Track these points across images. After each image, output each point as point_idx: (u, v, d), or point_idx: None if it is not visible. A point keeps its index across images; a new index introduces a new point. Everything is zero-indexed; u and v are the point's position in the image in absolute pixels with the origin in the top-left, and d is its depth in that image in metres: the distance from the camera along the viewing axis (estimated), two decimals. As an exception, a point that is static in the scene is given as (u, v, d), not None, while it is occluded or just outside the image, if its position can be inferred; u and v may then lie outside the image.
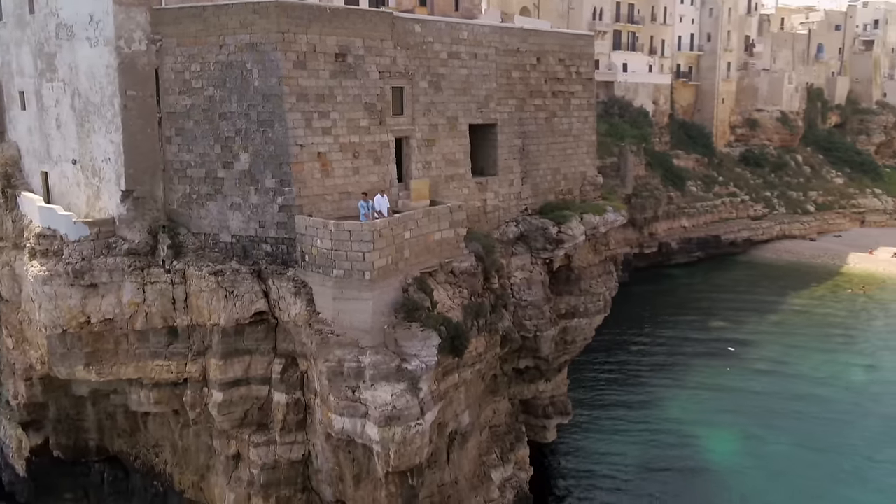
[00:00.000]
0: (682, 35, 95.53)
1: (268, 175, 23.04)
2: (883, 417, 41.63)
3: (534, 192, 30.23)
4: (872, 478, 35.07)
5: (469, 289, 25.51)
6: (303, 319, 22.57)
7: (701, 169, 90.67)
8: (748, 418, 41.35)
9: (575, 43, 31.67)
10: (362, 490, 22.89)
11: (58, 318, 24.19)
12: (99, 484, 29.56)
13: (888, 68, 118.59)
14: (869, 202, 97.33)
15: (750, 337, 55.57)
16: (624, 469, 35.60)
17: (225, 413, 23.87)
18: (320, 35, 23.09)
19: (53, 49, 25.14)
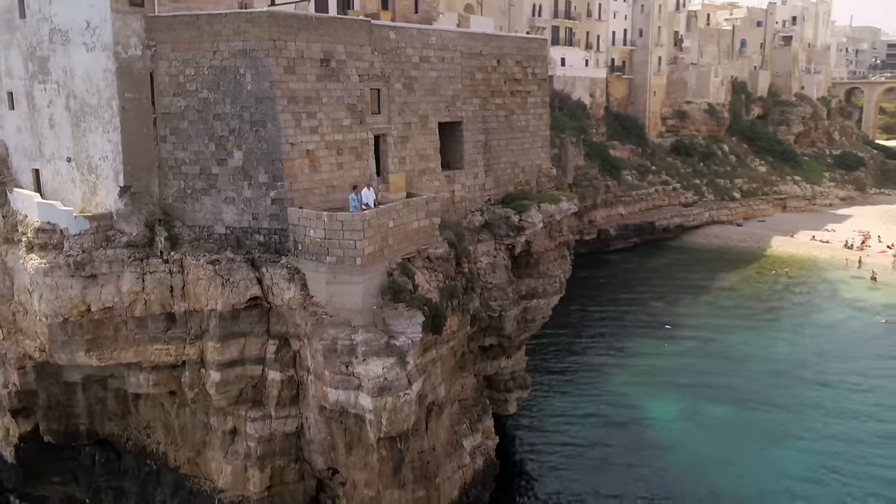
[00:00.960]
0: (615, 31, 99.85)
1: (261, 171, 25.01)
2: (803, 383, 46.17)
3: (496, 184, 32.91)
4: (793, 434, 39.34)
5: (443, 273, 28.02)
6: (297, 303, 24.69)
7: (635, 159, 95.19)
8: (684, 386, 45.31)
9: (530, 46, 34.39)
10: (354, 456, 25.24)
11: (59, 308, 25.66)
12: (90, 466, 30.96)
13: (805, 62, 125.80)
14: (789, 189, 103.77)
15: (684, 315, 59.85)
16: (576, 434, 38.98)
17: (222, 391, 25.82)
18: (307, 42, 25.13)
19: (46, 53, 26.42)
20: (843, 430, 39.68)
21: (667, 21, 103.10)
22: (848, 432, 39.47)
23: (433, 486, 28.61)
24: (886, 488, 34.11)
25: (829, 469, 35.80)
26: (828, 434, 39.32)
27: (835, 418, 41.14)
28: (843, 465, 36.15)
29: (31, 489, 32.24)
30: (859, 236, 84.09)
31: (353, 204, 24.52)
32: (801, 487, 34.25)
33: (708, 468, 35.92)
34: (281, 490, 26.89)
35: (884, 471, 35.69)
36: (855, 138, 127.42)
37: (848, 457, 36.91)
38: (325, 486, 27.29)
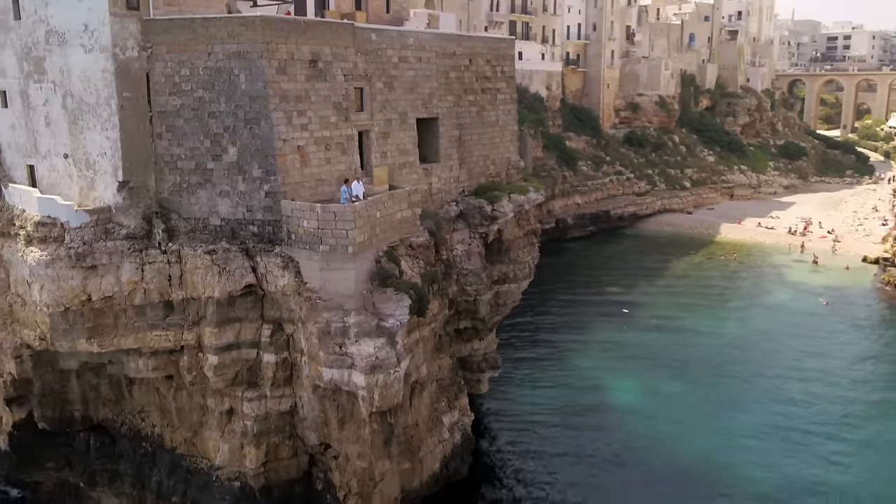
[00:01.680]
0: (570, 25, 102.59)
1: (255, 166, 26.59)
2: (752, 358, 49.43)
3: (469, 176, 34.94)
4: (743, 402, 42.48)
5: (424, 260, 30.00)
6: (291, 289, 26.39)
7: (590, 150, 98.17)
8: (642, 366, 48.19)
9: (499, 46, 36.44)
10: (346, 431, 27.14)
11: (60, 298, 26.91)
12: (84, 451, 32.23)
13: (750, 56, 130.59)
14: (736, 178, 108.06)
15: (640, 299, 62.85)
16: (544, 409, 41.51)
17: (219, 374, 27.38)
18: (297, 44, 26.74)
19: (42, 53, 27.50)
20: (788, 398, 42.95)
21: (619, 16, 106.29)
22: (792, 400, 42.76)
23: (417, 458, 30.78)
24: (822, 444, 37.49)
25: (775, 430, 39.19)
26: (774, 401, 42.57)
27: (780, 389, 44.39)
28: (787, 426, 39.42)
29: (24, 475, 33.36)
30: (802, 223, 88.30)
31: (344, 196, 26.30)
32: (750, 446, 37.42)
33: (666, 434, 38.77)
34: (276, 465, 28.63)
35: (822, 427, 39.31)
36: (797, 129, 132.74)
37: (792, 420, 40.20)
38: (316, 460, 29.10)
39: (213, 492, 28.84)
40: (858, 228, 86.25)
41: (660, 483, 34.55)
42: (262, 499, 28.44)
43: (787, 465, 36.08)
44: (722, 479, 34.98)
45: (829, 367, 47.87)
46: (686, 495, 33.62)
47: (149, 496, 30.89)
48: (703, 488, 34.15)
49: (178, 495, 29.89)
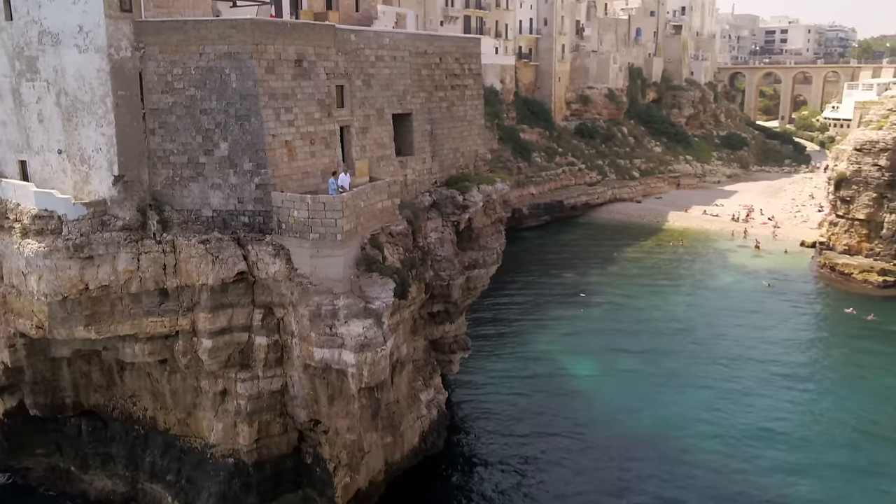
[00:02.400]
0: (522, 20, 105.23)
1: (245, 160, 28.20)
2: (701, 338, 52.76)
3: (440, 168, 37.02)
4: (694, 378, 45.56)
5: (403, 246, 32.03)
6: (283, 275, 28.13)
7: (543, 141, 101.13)
8: (599, 344, 51.16)
9: (467, 45, 38.55)
10: (336, 407, 29.07)
11: (58, 287, 28.16)
12: (76, 436, 33.40)
13: (694, 50, 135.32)
14: (682, 168, 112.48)
15: (595, 284, 65.91)
16: (510, 388, 43.95)
17: (213, 357, 28.97)
18: (283, 45, 28.41)
19: (35, 53, 28.61)
20: (735, 374, 46.23)
21: (569, 10, 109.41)
22: (739, 374, 46.07)
23: (398, 433, 32.92)
24: (766, 409, 40.80)
25: (723, 399, 42.34)
26: (721, 374, 45.86)
27: (727, 363, 47.74)
28: (734, 399, 42.57)
29: (14, 462, 34.37)
30: (744, 210, 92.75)
31: (332, 188, 28.15)
32: (700, 418, 40.43)
33: (622, 405, 41.71)
34: (267, 442, 30.37)
35: (766, 395, 42.74)
36: (738, 120, 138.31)
37: (739, 393, 43.44)
38: (305, 436, 30.90)
39: (208, 469, 30.45)
40: (797, 215, 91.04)
41: (617, 447, 37.37)
42: (255, 474, 30.18)
43: (734, 429, 39.24)
44: (675, 443, 37.96)
45: (770, 343, 51.50)
46: (642, 458, 36.44)
47: (142, 476, 32.36)
48: (658, 452, 37.05)
49: (172, 474, 31.43)
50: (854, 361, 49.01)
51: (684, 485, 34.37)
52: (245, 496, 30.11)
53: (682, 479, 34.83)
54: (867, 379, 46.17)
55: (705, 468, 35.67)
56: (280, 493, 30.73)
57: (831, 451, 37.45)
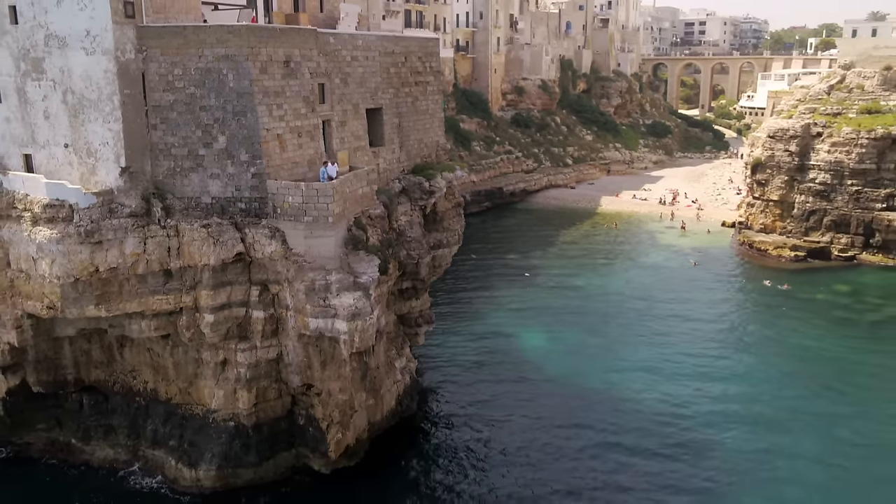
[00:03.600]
0: (459, 14, 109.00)
1: (242, 152, 31.30)
2: (635, 309, 58.10)
3: (408, 157, 40.70)
4: (629, 344, 50.75)
5: (380, 228, 35.65)
6: (279, 254, 31.42)
7: (482, 131, 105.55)
8: (545, 317, 55.97)
9: (428, 45, 42.26)
10: (328, 371, 32.63)
11: (70, 270, 30.75)
12: (78, 410, 35.93)
13: (620, 42, 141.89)
14: (612, 155, 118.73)
15: (537, 264, 70.73)
16: (468, 358, 48.26)
17: (215, 330, 32.09)
18: (274, 48, 31.57)
19: (41, 55, 30.98)
20: (668, 339, 51.65)
21: (503, 5, 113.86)
22: (672, 339, 51.50)
23: (379, 396, 36.72)
24: (694, 368, 46.20)
25: (657, 363, 47.51)
26: (654, 342, 51.12)
27: (660, 330, 53.13)
28: (668, 360, 47.88)
29: (15, 437, 36.59)
30: (670, 194, 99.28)
31: (323, 176, 31.58)
32: (639, 376, 45.53)
33: (569, 372, 46.39)
34: (264, 406, 33.68)
35: (694, 355, 48.23)
36: (662, 109, 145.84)
37: (672, 354, 48.81)
38: (297, 400, 34.29)
39: (210, 432, 33.57)
40: (717, 198, 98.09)
41: (568, 403, 42.08)
42: (254, 435, 33.48)
43: (667, 387, 44.36)
44: (617, 396, 42.94)
45: (698, 312, 57.28)
46: (589, 409, 41.24)
47: (143, 444, 35.20)
48: (604, 405, 41.93)
49: (174, 439, 34.39)
50: (771, 324, 55.20)
51: (627, 429, 39.24)
52: (245, 455, 33.42)
53: (624, 424, 39.72)
54: (783, 338, 52.36)
55: (645, 416, 40.66)
56: (276, 452, 34.14)
57: (755, 399, 42.98)
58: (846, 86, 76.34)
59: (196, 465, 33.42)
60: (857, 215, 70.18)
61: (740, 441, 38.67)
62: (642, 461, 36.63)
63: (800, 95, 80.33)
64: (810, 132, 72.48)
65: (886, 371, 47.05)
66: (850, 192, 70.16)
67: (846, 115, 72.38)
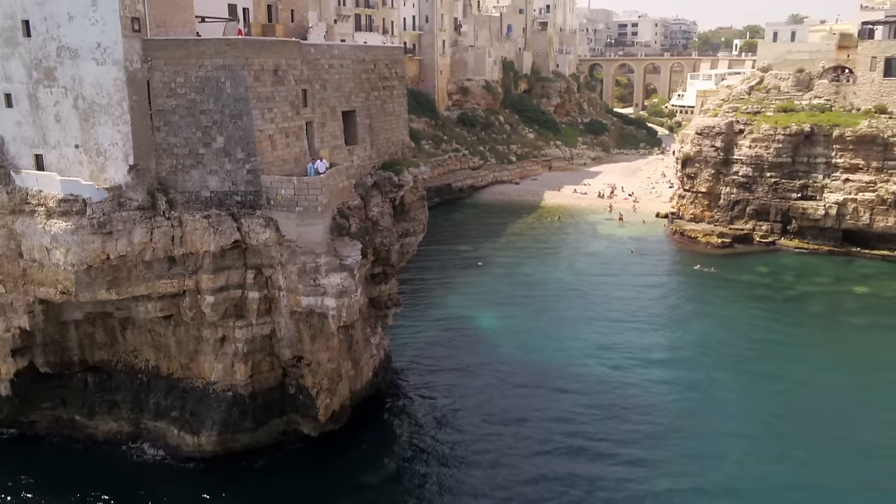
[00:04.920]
0: (406, 17, 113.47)
1: (238, 150, 35.27)
2: (580, 293, 63.72)
3: (378, 154, 45.08)
4: (576, 325, 56.19)
5: (358, 218, 40.05)
6: (273, 241, 35.52)
7: (430, 130, 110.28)
8: (498, 302, 61.03)
9: (394, 53, 46.75)
10: (317, 344, 36.89)
11: (84, 258, 34.22)
12: (82, 388, 39.29)
13: (558, 44, 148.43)
14: (553, 152, 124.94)
15: (488, 254, 75.87)
16: (430, 338, 52.89)
17: (215, 310, 35.99)
18: (265, 58, 35.61)
19: (53, 64, 34.36)
20: (610, 317, 57.33)
21: (447, 8, 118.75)
22: (613, 318, 57.20)
23: (359, 367, 41.17)
24: (633, 341, 51.89)
25: (603, 338, 53.01)
26: (596, 320, 56.71)
27: (603, 312, 58.79)
28: (611, 336, 53.48)
29: (22, 416, 39.71)
30: (608, 188, 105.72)
31: (310, 171, 35.83)
32: (585, 352, 50.82)
33: (522, 348, 51.49)
34: (259, 378, 37.71)
35: (635, 334, 53.76)
36: (599, 108, 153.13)
37: (610, 329, 54.49)
38: (288, 372, 38.41)
39: (210, 402, 37.44)
40: (652, 191, 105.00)
41: (522, 376, 47.00)
42: (250, 403, 37.49)
43: (608, 357, 49.88)
44: (562, 370, 48.05)
45: (636, 293, 63.25)
46: (541, 382, 46.24)
47: (146, 416, 38.81)
48: (554, 377, 46.96)
49: (176, 410, 38.12)
50: (700, 302, 61.57)
51: (572, 391, 44.60)
52: (242, 422, 37.43)
53: (569, 388, 45.08)
54: (710, 313, 58.72)
55: (588, 381, 46.10)
56: (270, 419, 38.23)
57: (686, 365, 48.89)
58: (764, 86, 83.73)
59: (198, 433, 37.26)
60: (775, 204, 77.42)
61: (671, 398, 44.37)
62: (587, 417, 42.00)
63: (724, 95, 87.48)
64: (733, 129, 79.43)
65: (798, 338, 53.72)
66: (769, 183, 77.33)
67: (764, 113, 79.62)
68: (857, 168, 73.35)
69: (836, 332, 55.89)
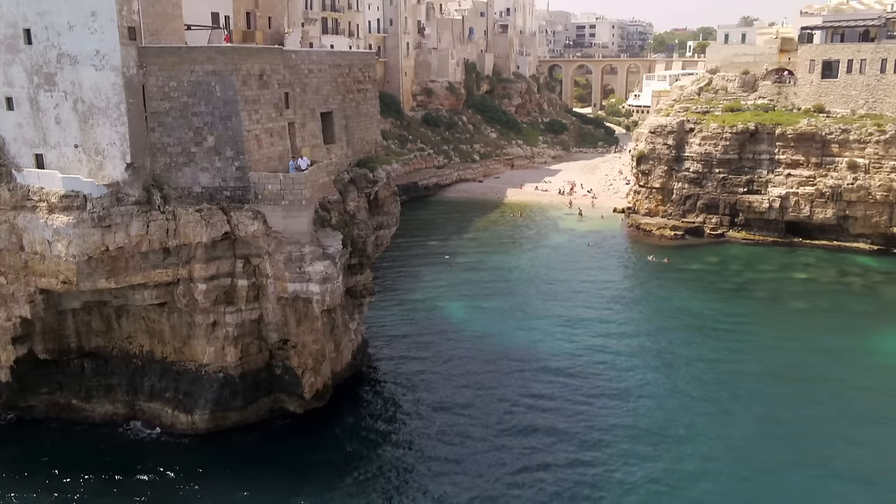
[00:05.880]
0: (371, 20, 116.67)
1: (227, 149, 38.25)
2: (541, 282, 67.69)
3: (353, 153, 48.34)
4: (539, 310, 60.05)
5: (337, 212, 43.27)
6: (261, 232, 38.56)
7: (396, 130, 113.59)
8: (465, 292, 64.64)
9: (367, 58, 50.05)
10: (303, 327, 40.05)
11: (85, 249, 36.88)
12: (79, 374, 41.86)
13: (519, 46, 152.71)
14: (515, 151, 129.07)
15: (455, 248, 79.48)
16: (402, 323, 56.28)
17: (207, 297, 38.89)
18: (252, 64, 38.66)
19: (53, 70, 36.97)
20: (567, 303, 61.35)
21: (411, 12, 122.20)
22: (569, 303, 61.23)
23: (339, 350, 44.39)
24: (595, 328, 55.90)
25: (561, 321, 56.96)
26: (557, 307, 60.67)
27: (564, 299, 62.79)
28: (572, 321, 57.45)
29: (20, 401, 42.10)
30: (568, 185, 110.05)
31: (292, 167, 38.98)
32: (547, 335, 54.72)
33: (487, 333, 55.11)
34: (248, 359, 40.70)
35: (594, 320, 57.79)
36: (559, 108, 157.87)
37: (570, 315, 58.45)
38: (274, 354, 41.45)
39: (203, 383, 40.33)
40: (609, 188, 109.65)
41: (488, 359, 50.62)
42: (240, 383, 40.46)
43: (568, 339, 53.87)
44: (529, 352, 51.85)
45: (594, 283, 67.39)
46: (501, 362, 49.93)
47: (141, 398, 41.53)
48: (512, 357, 50.73)
49: (170, 392, 40.93)
50: (654, 289, 65.99)
51: (535, 374, 48.32)
52: (233, 400, 40.41)
53: (533, 366, 48.87)
54: (663, 299, 63.14)
55: (553, 361, 49.91)
56: (258, 397, 41.27)
57: (639, 344, 53.05)
58: (713, 88, 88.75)
59: (191, 411, 40.13)
60: (723, 199, 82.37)
61: (622, 371, 48.51)
62: (547, 386, 46.10)
63: (676, 95, 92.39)
64: (684, 128, 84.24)
65: (743, 320, 58.30)
66: (717, 179, 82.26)
67: (713, 112, 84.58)
68: (798, 164, 78.57)
69: (778, 314, 60.63)
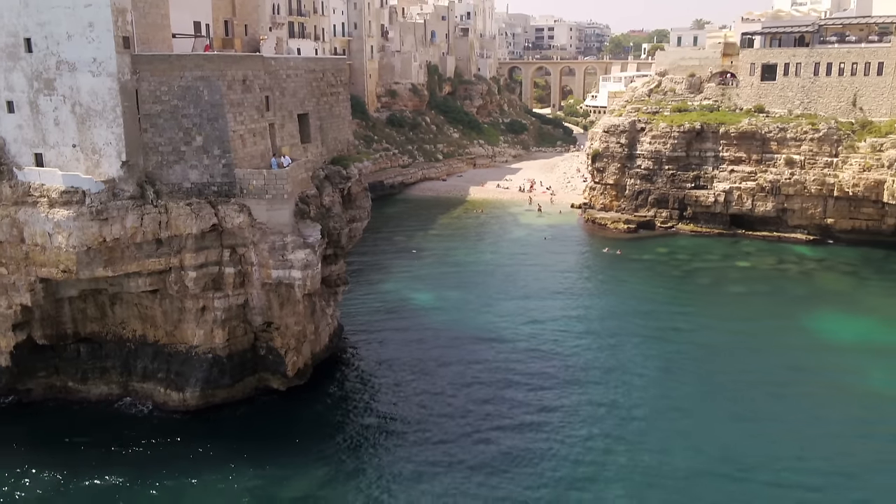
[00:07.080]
0: (336, 24, 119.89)
1: (215, 148, 41.79)
2: (503, 272, 72.17)
3: (328, 151, 52.10)
4: (499, 300, 64.45)
5: (315, 205, 47.05)
6: (246, 224, 42.17)
7: (361, 131, 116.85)
8: (432, 283, 68.72)
9: (339, 63, 53.86)
10: (285, 310, 43.77)
11: (84, 241, 40.12)
12: (75, 357, 45.00)
13: (479, 48, 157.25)
14: (477, 150, 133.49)
15: (421, 243, 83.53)
16: (373, 312, 60.21)
17: (196, 283, 42.38)
18: (236, 70, 42.28)
19: (53, 76, 40.15)
20: (529, 294, 65.85)
21: (374, 15, 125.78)
22: (529, 291, 65.74)
23: (318, 332, 48.19)
24: (552, 314, 60.43)
25: (523, 310, 61.38)
26: (517, 296, 65.15)
27: (524, 289, 67.28)
28: (531, 309, 61.91)
29: (18, 384, 45.09)
30: (528, 183, 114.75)
31: (273, 164, 42.70)
32: (508, 322, 59.09)
33: (453, 321, 59.31)
34: (234, 341, 44.28)
35: (552, 308, 62.32)
36: (519, 108, 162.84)
37: (530, 302, 62.95)
38: (258, 336, 45.09)
39: (193, 363, 43.80)
40: (567, 185, 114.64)
41: (455, 344, 54.80)
42: (228, 363, 44.03)
43: (527, 324, 58.34)
44: (485, 334, 56.25)
45: (552, 274, 72.04)
46: (466, 348, 54.15)
47: (134, 379, 44.85)
48: (481, 343, 55.01)
49: (162, 372, 44.33)
50: (609, 280, 70.84)
51: (498, 351, 52.69)
52: (221, 379, 43.97)
53: (494, 349, 53.18)
54: (616, 286, 68.06)
55: (514, 341, 54.33)
56: (244, 376, 44.88)
57: (597, 330, 57.72)
58: (662, 89, 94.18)
59: (182, 390, 43.60)
60: (673, 193, 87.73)
61: (580, 352, 53.04)
62: (510, 363, 50.36)
63: (628, 97, 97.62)
64: (636, 127, 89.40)
65: (689, 304, 63.42)
66: (667, 175, 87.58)
67: (662, 113, 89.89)
68: (741, 160, 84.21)
69: (720, 298, 65.90)
